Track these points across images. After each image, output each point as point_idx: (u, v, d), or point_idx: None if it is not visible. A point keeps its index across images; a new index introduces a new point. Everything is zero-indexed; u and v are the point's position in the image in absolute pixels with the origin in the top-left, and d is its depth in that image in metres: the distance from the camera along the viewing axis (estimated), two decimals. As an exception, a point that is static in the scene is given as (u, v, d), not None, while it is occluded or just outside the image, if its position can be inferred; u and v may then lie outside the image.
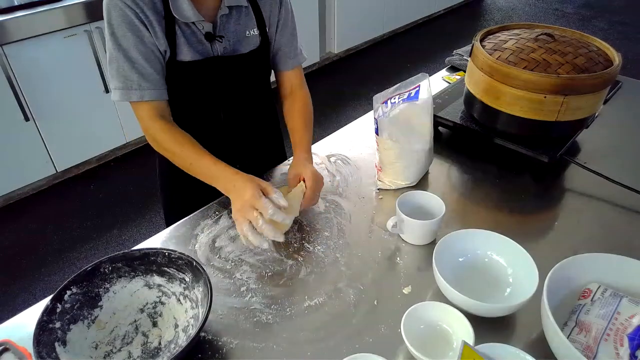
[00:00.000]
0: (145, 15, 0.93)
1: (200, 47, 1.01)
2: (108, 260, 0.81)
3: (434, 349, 0.74)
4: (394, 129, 1.04)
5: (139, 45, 0.94)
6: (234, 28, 1.04)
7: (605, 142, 1.28)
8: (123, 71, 0.96)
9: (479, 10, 5.52)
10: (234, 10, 1.03)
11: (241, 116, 1.16)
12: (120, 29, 0.93)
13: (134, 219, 2.49)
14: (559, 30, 1.21)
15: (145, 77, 0.97)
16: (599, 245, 0.94)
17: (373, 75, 4.01)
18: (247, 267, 0.92)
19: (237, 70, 1.08)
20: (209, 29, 1.00)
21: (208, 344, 0.78)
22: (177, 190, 1.25)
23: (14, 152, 2.40)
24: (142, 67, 0.96)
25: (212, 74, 1.04)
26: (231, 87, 1.09)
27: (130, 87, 0.96)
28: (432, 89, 1.07)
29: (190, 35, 0.99)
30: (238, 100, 1.13)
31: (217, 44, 1.02)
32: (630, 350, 0.66)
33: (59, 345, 0.72)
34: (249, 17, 1.05)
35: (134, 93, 0.97)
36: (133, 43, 0.94)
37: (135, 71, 0.96)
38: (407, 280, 0.89)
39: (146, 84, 0.97)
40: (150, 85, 0.98)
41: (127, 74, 0.96)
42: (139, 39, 0.94)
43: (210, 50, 1.02)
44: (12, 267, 2.23)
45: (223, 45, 1.03)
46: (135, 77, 0.96)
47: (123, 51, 0.94)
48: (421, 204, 0.99)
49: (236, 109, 1.14)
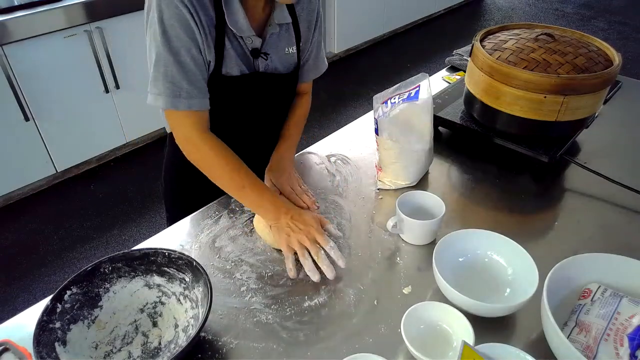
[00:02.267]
0: (199, 18, 0.87)
1: (245, 62, 0.98)
2: (108, 260, 0.81)
3: (434, 349, 0.74)
4: (394, 129, 1.05)
5: (192, 49, 0.87)
6: (276, 44, 1.02)
7: (605, 142, 1.28)
8: (171, 76, 0.88)
9: (479, 10, 5.52)
10: (281, 28, 1.01)
11: (269, 130, 1.16)
12: (173, 28, 0.85)
13: (134, 219, 2.49)
14: (559, 30, 1.21)
15: (195, 85, 0.90)
16: (599, 245, 0.94)
17: (373, 75, 4.01)
18: (247, 267, 0.92)
19: (275, 88, 1.07)
20: (258, 44, 0.97)
21: (208, 344, 0.78)
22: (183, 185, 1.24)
23: (14, 152, 2.40)
24: (193, 73, 0.89)
25: (251, 89, 1.02)
26: (266, 103, 1.09)
27: (179, 95, 0.89)
28: (432, 89, 1.07)
29: (237, 47, 0.95)
30: (269, 115, 1.13)
31: (261, 60, 1.00)
32: (630, 350, 0.66)
33: (59, 345, 0.72)
34: (289, 34, 1.04)
35: (181, 102, 0.90)
36: (186, 46, 0.87)
37: (185, 77, 0.89)
38: (407, 280, 0.89)
39: (195, 92, 0.91)
40: (198, 94, 0.91)
41: (176, 80, 0.88)
42: (192, 42, 0.87)
43: (253, 65, 1.00)
44: (12, 267, 2.23)
45: (266, 62, 1.01)
46: (185, 84, 0.89)
47: (174, 54, 0.86)
48: (421, 204, 0.99)
49: (266, 124, 1.14)
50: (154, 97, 0.91)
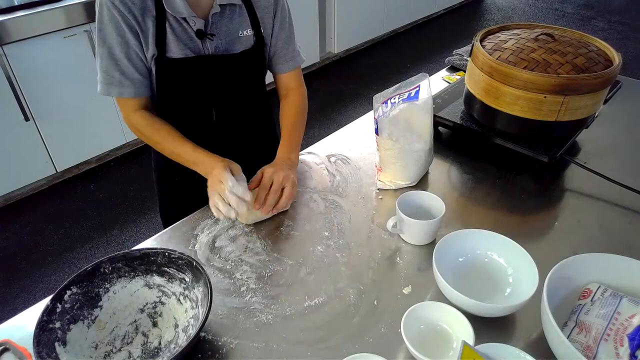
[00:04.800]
0: (133, 15, 0.95)
1: (192, 45, 1.02)
2: (108, 260, 0.81)
3: (434, 349, 0.74)
4: (394, 129, 1.05)
5: (123, 45, 0.98)
6: (226, 27, 1.04)
7: (605, 142, 1.28)
8: (106, 67, 1.00)
9: (479, 10, 5.52)
10: (227, 9, 1.03)
11: (234, 116, 1.16)
12: (107, 27, 0.96)
13: (134, 219, 2.49)
14: (559, 30, 1.21)
15: (126, 76, 1.01)
16: (599, 245, 0.94)
17: (373, 75, 4.01)
18: (247, 267, 0.92)
19: (228, 70, 1.08)
20: (201, 26, 1.01)
21: (208, 344, 0.78)
22: (173, 187, 1.25)
23: (14, 152, 2.40)
24: (125, 65, 0.99)
25: (203, 72, 1.05)
26: (223, 86, 1.09)
27: (111, 83, 1.01)
28: (432, 89, 1.07)
29: (181, 32, 1.00)
30: (230, 100, 1.13)
31: (209, 42, 1.03)
32: (630, 350, 0.66)
33: (59, 345, 0.72)
34: (242, 17, 1.06)
35: (113, 89, 1.01)
36: (117, 42, 0.97)
37: (117, 69, 0.99)
38: (407, 280, 0.89)
39: (127, 82, 1.01)
40: (129, 84, 1.01)
41: (109, 71, 1.00)
42: (123, 39, 0.97)
43: (202, 48, 1.03)
44: (12, 267, 2.23)
45: (215, 43, 1.04)
46: (117, 74, 1.00)
47: (107, 48, 0.98)
48: (421, 204, 0.99)
49: (229, 109, 1.14)
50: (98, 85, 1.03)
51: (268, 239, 0.99)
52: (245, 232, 1.01)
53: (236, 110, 1.16)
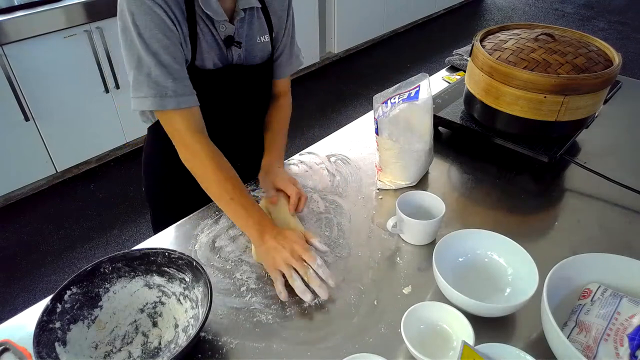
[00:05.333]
0: (173, 12, 0.85)
1: (219, 53, 0.96)
2: (108, 260, 0.81)
3: (434, 349, 0.74)
4: (394, 129, 1.05)
5: (170, 47, 0.86)
6: (247, 33, 0.99)
7: (605, 142, 1.28)
8: (156, 77, 0.86)
9: (479, 10, 5.52)
10: (247, 13, 0.97)
11: (246, 123, 1.15)
12: (148, 29, 0.83)
13: (134, 219, 2.49)
14: (559, 30, 1.21)
15: (180, 82, 0.88)
16: (599, 245, 0.94)
17: (373, 75, 4.01)
18: (247, 267, 0.92)
19: (250, 79, 1.05)
20: (231, 31, 0.94)
21: (208, 344, 0.78)
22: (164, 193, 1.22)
23: (14, 152, 2.40)
24: (176, 71, 0.87)
25: (227, 83, 1.00)
26: (242, 95, 1.07)
27: (165, 95, 0.87)
28: (432, 89, 1.07)
29: (210, 38, 0.93)
30: (245, 107, 1.11)
31: (234, 50, 0.97)
32: (630, 350, 0.66)
33: (59, 345, 0.72)
34: (260, 22, 1.01)
35: (169, 101, 0.87)
36: (164, 45, 0.85)
37: (170, 77, 0.87)
38: (407, 280, 0.89)
39: (182, 90, 0.89)
40: (185, 91, 0.89)
41: (161, 80, 0.86)
42: (169, 40, 0.85)
43: (226, 57, 0.98)
44: (12, 267, 2.23)
45: (238, 52, 0.98)
46: (170, 83, 0.87)
47: (154, 55, 0.85)
48: (421, 204, 0.99)
49: (242, 116, 1.12)
50: (140, 100, 0.88)
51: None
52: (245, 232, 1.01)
53: (249, 117, 1.14)
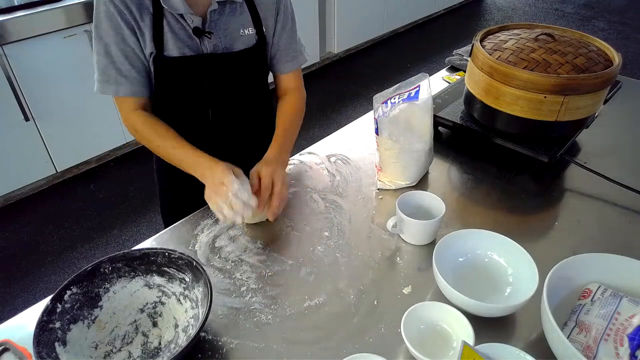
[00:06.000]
0: (130, 11, 0.94)
1: (190, 43, 1.00)
2: (108, 260, 0.81)
3: (434, 349, 0.74)
4: (394, 129, 1.05)
5: (120, 42, 0.96)
6: (226, 25, 1.03)
7: (605, 142, 1.28)
8: (102, 65, 0.98)
9: (479, 10, 5.52)
10: (227, 6, 1.01)
11: (232, 115, 1.15)
12: (103, 23, 0.95)
13: (134, 219, 2.49)
14: (559, 30, 1.21)
15: (122, 74, 0.99)
16: (599, 245, 0.94)
17: (373, 75, 4.01)
18: (247, 267, 0.92)
19: (228, 69, 1.07)
20: (198, 23, 0.99)
21: (208, 344, 0.78)
22: (174, 187, 1.25)
23: (14, 152, 2.40)
24: (121, 63, 0.98)
25: (200, 70, 1.04)
26: (221, 85, 1.08)
27: (107, 81, 0.99)
28: (432, 89, 1.07)
29: (179, 30, 0.98)
30: (229, 99, 1.11)
31: (207, 40, 1.01)
32: (630, 350, 0.66)
33: (59, 345, 0.72)
34: (243, 15, 1.04)
35: (109, 87, 1.00)
36: (114, 40, 0.96)
37: (113, 67, 0.98)
38: (407, 280, 0.89)
39: (123, 80, 0.99)
40: (126, 82, 0.99)
41: (106, 69, 0.98)
42: (119, 36, 0.95)
43: (200, 46, 1.02)
44: (12, 267, 2.23)
45: (213, 42, 1.02)
46: (113, 72, 0.98)
47: (104, 46, 0.96)
48: (421, 204, 0.99)
49: (226, 108, 1.12)
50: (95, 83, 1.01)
51: (268, 239, 0.99)
52: (245, 232, 1.01)
53: (234, 110, 1.14)
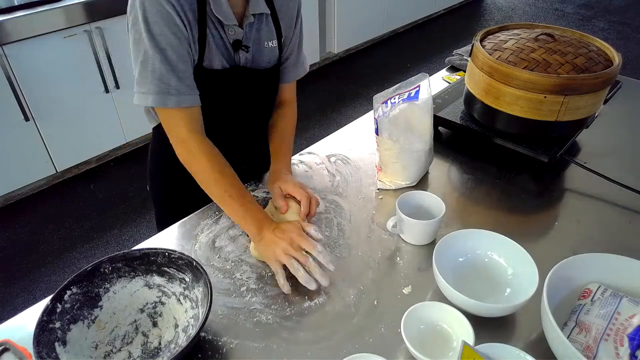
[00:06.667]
0: (184, 13, 0.87)
1: (227, 55, 0.97)
2: (108, 260, 0.81)
3: (434, 349, 0.74)
4: (394, 129, 1.05)
5: (178, 46, 0.87)
6: (255, 38, 1.00)
7: (605, 142, 1.28)
8: (159, 74, 0.87)
9: (479, 10, 5.52)
10: (256, 18, 0.99)
11: (251, 126, 1.15)
12: (158, 26, 0.85)
13: (134, 219, 2.49)
14: (559, 30, 1.21)
15: (184, 81, 0.90)
16: (599, 245, 0.94)
17: (373, 75, 4.01)
18: (247, 267, 0.92)
19: (257, 82, 1.06)
20: (240, 36, 0.96)
21: (208, 344, 0.78)
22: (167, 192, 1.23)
23: (14, 152, 2.39)
24: (181, 70, 0.89)
25: (233, 84, 1.01)
26: (248, 98, 1.07)
27: (168, 92, 0.89)
28: (432, 89, 1.07)
29: (219, 41, 0.95)
30: (251, 110, 1.11)
31: (242, 53, 0.99)
32: (630, 350, 0.66)
33: (59, 345, 0.72)
34: (269, 27, 1.02)
35: (170, 99, 0.89)
36: (172, 43, 0.86)
37: (174, 74, 0.88)
38: (407, 280, 0.89)
39: (184, 89, 0.90)
40: (188, 90, 0.91)
41: (165, 77, 0.88)
42: (177, 39, 0.87)
43: (234, 59, 0.99)
44: (12, 267, 2.23)
45: (247, 55, 1.00)
46: (174, 81, 0.88)
47: (160, 51, 0.86)
48: (421, 204, 0.99)
49: (247, 119, 1.12)
50: (143, 96, 0.90)
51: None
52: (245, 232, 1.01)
53: (254, 121, 1.14)
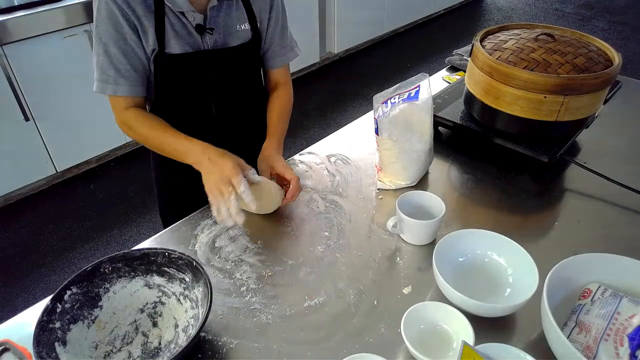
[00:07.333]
0: (132, 10, 0.94)
1: (191, 40, 1.02)
2: (108, 260, 0.81)
3: (434, 349, 0.74)
4: (394, 129, 1.05)
5: (120, 41, 0.96)
6: (224, 21, 1.05)
7: (605, 142, 1.28)
8: (101, 64, 0.98)
9: (479, 10, 5.52)
10: (224, 3, 1.03)
11: (233, 110, 1.17)
12: (103, 23, 0.95)
13: (134, 219, 2.49)
14: (559, 30, 1.21)
15: (122, 73, 0.99)
16: (599, 245, 0.94)
17: (373, 75, 4.00)
18: (247, 267, 0.92)
19: (227, 64, 1.09)
20: (200, 20, 1.01)
21: (208, 344, 0.78)
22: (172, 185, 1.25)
23: (14, 152, 2.40)
24: (120, 63, 0.98)
25: (202, 67, 1.05)
26: (222, 80, 1.10)
27: (106, 81, 0.99)
28: (432, 89, 1.07)
29: (180, 27, 1.00)
30: (229, 94, 1.14)
31: (208, 36, 1.03)
32: (630, 350, 0.66)
33: (59, 345, 0.72)
34: (239, 11, 1.06)
35: (108, 87, 1.00)
36: (114, 39, 0.96)
37: (112, 66, 0.98)
38: (407, 280, 0.89)
39: (122, 80, 0.99)
40: (125, 82, 1.00)
41: (105, 68, 0.98)
42: (120, 35, 0.96)
43: (201, 43, 1.03)
44: (12, 267, 2.23)
45: (213, 38, 1.04)
46: (112, 72, 0.98)
47: (103, 45, 0.97)
48: (421, 204, 0.99)
49: (227, 103, 1.15)
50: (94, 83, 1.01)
51: (268, 239, 0.99)
52: (245, 232, 1.01)
53: (235, 104, 1.17)
